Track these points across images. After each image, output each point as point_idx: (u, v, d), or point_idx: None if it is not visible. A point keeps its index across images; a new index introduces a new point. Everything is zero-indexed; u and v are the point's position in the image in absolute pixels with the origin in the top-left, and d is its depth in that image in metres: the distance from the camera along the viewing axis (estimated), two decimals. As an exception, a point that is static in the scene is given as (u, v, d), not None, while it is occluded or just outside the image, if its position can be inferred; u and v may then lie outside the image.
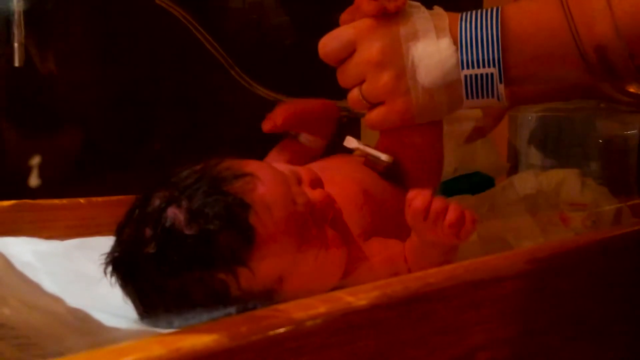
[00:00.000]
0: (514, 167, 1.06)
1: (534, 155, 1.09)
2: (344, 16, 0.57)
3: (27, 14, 0.80)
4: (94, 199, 0.66)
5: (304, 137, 0.62)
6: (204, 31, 0.91)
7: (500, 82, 0.51)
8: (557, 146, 1.08)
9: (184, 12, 0.90)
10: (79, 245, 0.60)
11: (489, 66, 0.51)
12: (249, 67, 0.93)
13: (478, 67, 0.51)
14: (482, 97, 0.53)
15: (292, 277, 0.44)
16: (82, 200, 0.65)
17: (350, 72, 0.55)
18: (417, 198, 0.46)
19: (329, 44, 0.56)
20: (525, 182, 0.81)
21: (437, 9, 0.55)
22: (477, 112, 0.78)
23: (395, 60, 0.53)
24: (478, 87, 0.52)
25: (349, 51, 0.55)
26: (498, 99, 0.53)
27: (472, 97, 0.53)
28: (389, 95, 0.54)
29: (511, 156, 1.11)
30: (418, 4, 0.55)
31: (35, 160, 0.58)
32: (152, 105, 0.98)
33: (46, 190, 0.69)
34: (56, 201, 0.63)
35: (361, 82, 0.55)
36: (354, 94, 0.56)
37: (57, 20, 0.88)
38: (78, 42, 0.91)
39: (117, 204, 0.61)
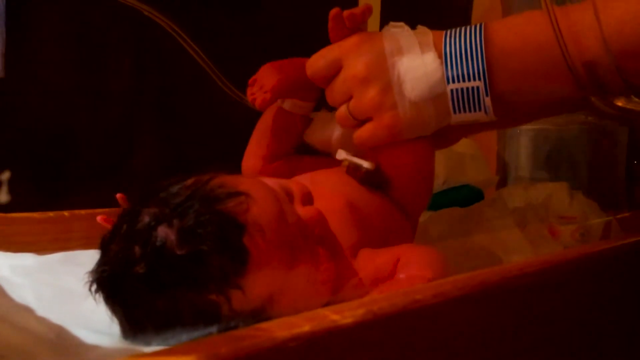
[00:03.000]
0: (503, 180, 1.07)
1: (523, 168, 1.09)
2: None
3: (9, 23, 0.80)
4: (77, 211, 0.65)
5: (290, 104, 0.61)
6: (191, 42, 0.91)
7: (487, 95, 0.51)
8: (546, 159, 1.09)
9: (172, 24, 0.90)
10: (62, 259, 0.59)
11: (474, 79, 0.51)
12: (236, 77, 0.93)
13: (463, 80, 0.52)
14: (470, 111, 0.53)
15: (283, 296, 0.44)
16: (66, 213, 0.64)
17: (337, 89, 0.55)
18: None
19: (316, 63, 0.56)
20: (514, 195, 0.82)
21: (421, 28, 0.56)
22: None
23: (381, 75, 0.53)
24: (465, 100, 0.52)
25: (336, 69, 0.55)
26: (485, 112, 0.53)
27: (460, 112, 0.53)
28: (376, 110, 0.54)
29: (500, 169, 1.11)
30: (401, 23, 0.56)
31: (5, 175, 0.57)
32: (137, 116, 0.97)
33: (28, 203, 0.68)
34: (36, 215, 0.62)
35: (348, 99, 0.55)
36: (342, 111, 0.56)
37: (40, 30, 0.88)
38: (62, 52, 0.90)
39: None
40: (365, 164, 0.56)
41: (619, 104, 0.60)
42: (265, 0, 1.06)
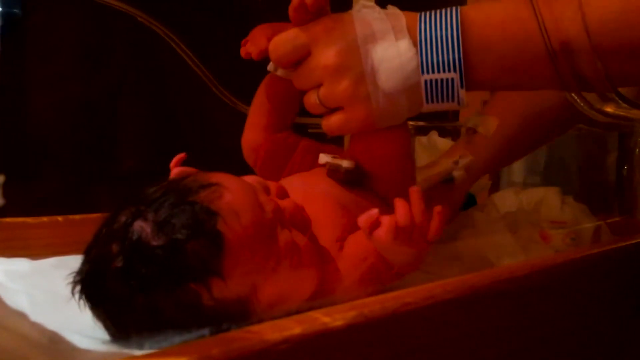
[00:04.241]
0: (495, 185, 1.07)
1: (515, 173, 1.10)
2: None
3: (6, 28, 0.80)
4: (71, 216, 0.65)
5: (283, 71, 0.57)
6: (186, 48, 0.91)
7: (462, 87, 0.50)
8: (538, 165, 1.09)
9: (168, 31, 0.90)
10: (56, 264, 0.59)
11: (449, 71, 0.49)
12: (232, 85, 0.93)
13: (438, 71, 0.50)
14: (443, 101, 0.51)
15: (266, 285, 0.43)
16: (60, 218, 0.64)
17: (306, 76, 0.53)
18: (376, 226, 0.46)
19: (282, 48, 0.53)
20: (506, 200, 0.82)
21: (392, 8, 0.53)
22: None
23: (354, 64, 0.51)
24: (438, 91, 0.51)
25: (303, 54, 0.52)
26: (459, 103, 0.51)
27: (432, 102, 0.51)
28: (348, 101, 0.52)
29: (493, 174, 1.12)
30: (372, 3, 0.53)
31: (0, 179, 0.57)
32: (133, 121, 0.97)
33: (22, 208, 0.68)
34: (29, 219, 0.62)
35: (318, 86, 0.53)
36: (311, 98, 0.53)
37: (34, 36, 0.88)
38: (59, 59, 0.90)
39: (96, 221, 0.60)
40: (344, 163, 0.55)
41: (609, 110, 0.60)
42: (259, 6, 1.06)
